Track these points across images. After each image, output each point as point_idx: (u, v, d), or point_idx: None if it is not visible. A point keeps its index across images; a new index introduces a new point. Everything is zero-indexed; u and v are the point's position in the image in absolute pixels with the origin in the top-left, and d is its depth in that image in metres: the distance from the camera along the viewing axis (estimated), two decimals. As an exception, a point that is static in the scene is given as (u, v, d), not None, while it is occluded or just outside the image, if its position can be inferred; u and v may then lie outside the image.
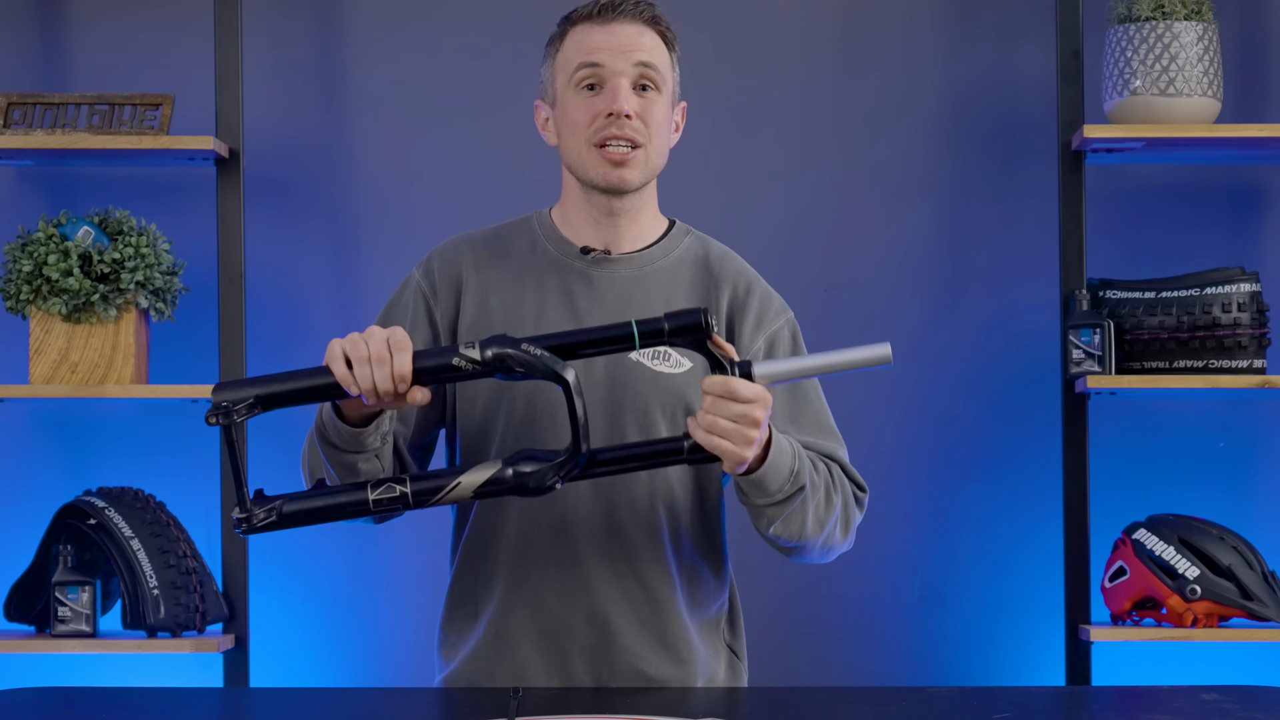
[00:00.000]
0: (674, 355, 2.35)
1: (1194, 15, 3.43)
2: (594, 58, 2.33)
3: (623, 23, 2.34)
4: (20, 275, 3.39)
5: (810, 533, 2.28)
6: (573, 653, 2.34)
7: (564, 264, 2.39)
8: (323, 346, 3.17)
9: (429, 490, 2.10)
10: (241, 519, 2.11)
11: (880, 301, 3.67)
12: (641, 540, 2.34)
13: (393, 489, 2.10)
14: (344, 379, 2.08)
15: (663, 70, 2.35)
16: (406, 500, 2.10)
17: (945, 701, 2.22)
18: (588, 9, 2.36)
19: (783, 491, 2.22)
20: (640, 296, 2.37)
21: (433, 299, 2.39)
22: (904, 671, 3.64)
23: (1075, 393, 3.46)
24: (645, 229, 2.41)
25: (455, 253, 2.42)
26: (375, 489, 2.11)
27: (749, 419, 2.10)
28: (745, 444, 2.12)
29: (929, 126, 3.69)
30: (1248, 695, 2.26)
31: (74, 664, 3.57)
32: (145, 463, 3.63)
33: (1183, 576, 3.37)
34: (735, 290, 2.40)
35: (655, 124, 2.34)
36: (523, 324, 2.35)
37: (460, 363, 2.07)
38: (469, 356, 2.07)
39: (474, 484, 2.10)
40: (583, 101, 2.34)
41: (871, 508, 3.61)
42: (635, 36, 2.34)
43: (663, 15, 2.38)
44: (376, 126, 3.70)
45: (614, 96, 2.32)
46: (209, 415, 2.07)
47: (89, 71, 3.68)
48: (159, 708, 2.26)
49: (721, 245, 2.46)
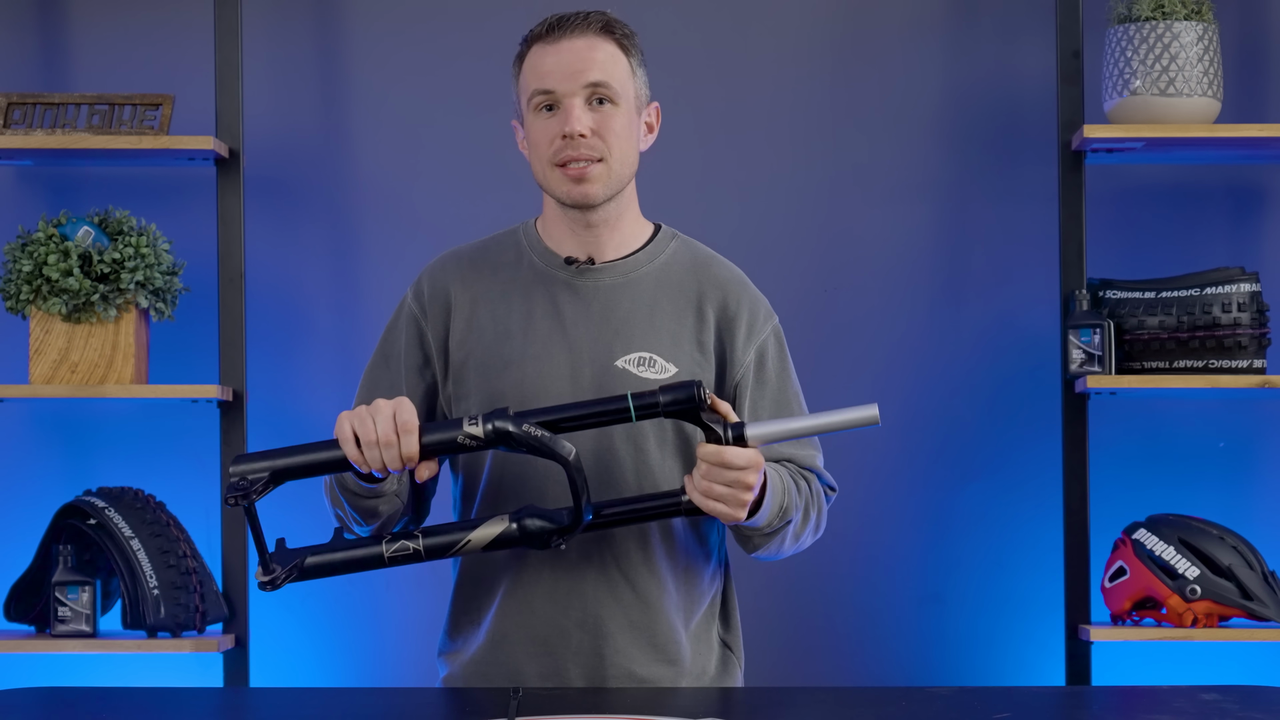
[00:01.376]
0: (660, 361, 2.36)
1: (1194, 15, 3.43)
2: (545, 83, 2.35)
3: (572, 38, 2.35)
4: (20, 275, 3.39)
5: (788, 547, 2.38)
6: (566, 657, 2.35)
7: (549, 275, 2.40)
8: (323, 346, 3.19)
9: (442, 546, 2.24)
10: (266, 581, 2.23)
11: (880, 301, 3.67)
12: (631, 544, 2.36)
13: (406, 547, 2.24)
14: (355, 460, 2.20)
15: (617, 81, 2.35)
16: (419, 556, 2.24)
17: (945, 701, 2.22)
18: (540, 28, 2.38)
19: (771, 526, 2.32)
20: (625, 303, 2.38)
21: (424, 320, 2.42)
22: (904, 671, 3.64)
23: (1075, 393, 3.46)
24: (628, 236, 2.42)
25: (443, 271, 2.44)
26: (390, 545, 2.24)
27: (742, 484, 2.21)
28: (739, 506, 2.23)
29: (929, 127, 3.69)
30: (1248, 695, 2.26)
31: (74, 664, 3.57)
32: (145, 463, 3.63)
33: (1183, 576, 3.37)
34: (725, 302, 2.41)
35: (615, 135, 2.35)
36: (510, 337, 2.37)
37: (464, 439, 2.20)
38: (472, 434, 2.20)
39: (484, 540, 2.23)
40: (541, 124, 2.36)
41: (872, 508, 3.63)
42: (585, 52, 2.34)
43: (618, 21, 2.38)
44: (376, 126, 3.70)
45: (566, 118, 2.33)
46: (228, 497, 2.19)
47: (89, 71, 3.68)
48: (159, 708, 2.27)
49: (707, 249, 2.47)
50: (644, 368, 2.36)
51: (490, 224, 2.56)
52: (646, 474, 2.35)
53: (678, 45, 3.67)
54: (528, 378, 2.35)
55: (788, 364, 2.44)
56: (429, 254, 2.55)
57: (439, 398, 2.42)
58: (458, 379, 2.39)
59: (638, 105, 2.38)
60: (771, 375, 2.41)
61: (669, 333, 2.37)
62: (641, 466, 2.35)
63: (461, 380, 2.39)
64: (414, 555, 2.24)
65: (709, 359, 2.39)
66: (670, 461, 2.36)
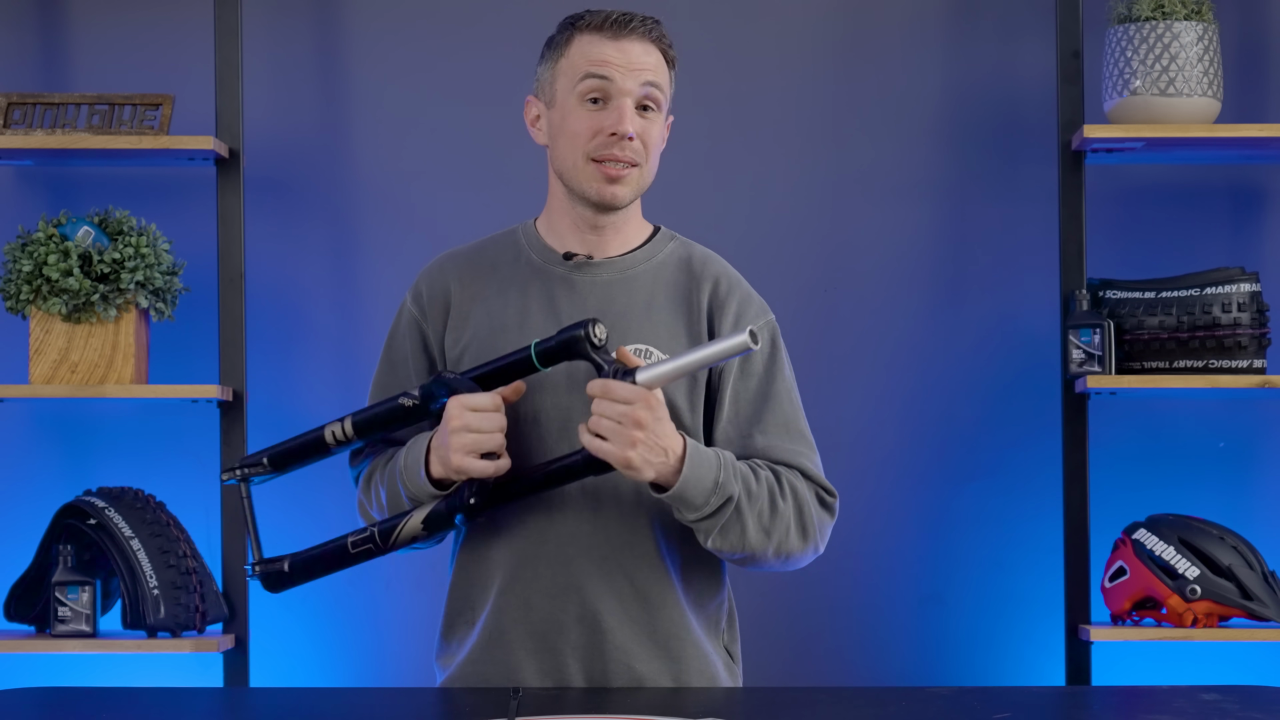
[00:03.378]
0: (656, 354, 2.35)
1: (1194, 15, 3.43)
2: (604, 71, 2.34)
3: (632, 40, 2.35)
4: (20, 275, 3.39)
5: (754, 543, 2.31)
6: (565, 653, 2.35)
7: (547, 270, 2.40)
8: (323, 346, 3.19)
9: (388, 530, 2.33)
10: (260, 572, 2.41)
11: (880, 301, 3.67)
12: (629, 536, 2.34)
13: (364, 531, 2.35)
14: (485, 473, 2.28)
15: (664, 90, 2.37)
16: (375, 540, 2.33)
17: (945, 701, 2.22)
18: (599, 20, 2.36)
19: (709, 505, 2.27)
20: (622, 299, 2.38)
21: (425, 322, 2.43)
22: (904, 671, 3.64)
23: (1075, 393, 3.46)
24: (629, 236, 2.43)
25: (441, 271, 2.45)
26: (354, 536, 2.35)
27: (631, 419, 2.19)
28: (627, 444, 2.20)
29: (929, 126, 3.69)
30: (1248, 695, 2.26)
31: (74, 664, 3.57)
32: (145, 463, 3.63)
33: (1183, 576, 3.37)
34: (716, 288, 2.41)
35: (652, 144, 2.37)
36: (506, 331, 2.37)
37: (406, 401, 2.33)
38: (413, 395, 2.33)
39: (420, 518, 2.31)
40: (585, 114, 2.35)
41: (871, 508, 3.63)
42: (643, 55, 2.35)
43: (667, 33, 2.40)
44: (376, 126, 3.70)
45: (620, 117, 2.33)
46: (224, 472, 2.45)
47: (89, 71, 3.68)
48: (159, 708, 2.27)
49: (705, 249, 2.47)
50: (636, 358, 2.35)
51: (490, 223, 2.56)
52: None
53: (678, 46, 3.66)
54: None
55: (779, 362, 2.41)
56: (428, 253, 2.55)
57: None
58: None
59: (666, 117, 2.41)
60: (758, 369, 2.39)
61: (666, 327, 2.37)
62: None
63: None
64: (370, 538, 2.33)
65: None
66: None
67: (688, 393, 2.36)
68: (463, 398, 2.27)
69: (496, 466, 2.27)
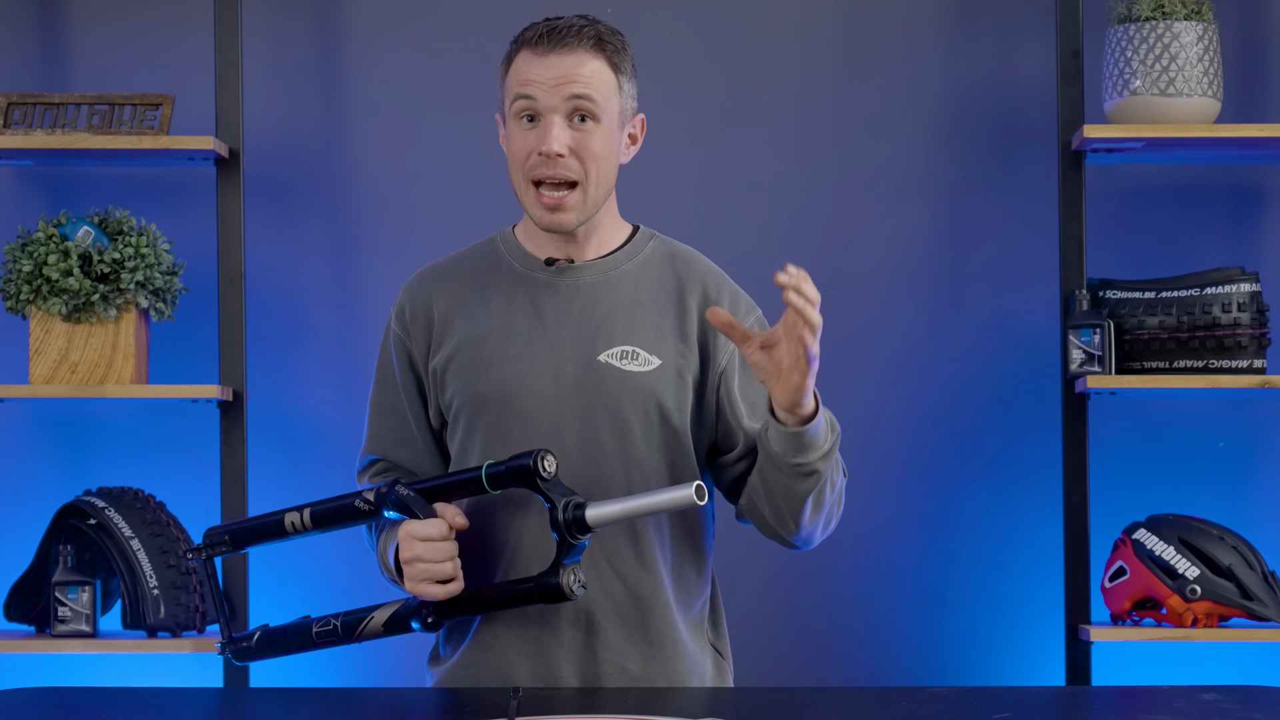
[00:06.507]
0: (643, 354, 2.35)
1: (1194, 15, 3.43)
2: (529, 90, 2.32)
3: (561, 54, 2.31)
4: (20, 275, 3.39)
5: (824, 512, 2.33)
6: (558, 655, 2.35)
7: (529, 277, 2.40)
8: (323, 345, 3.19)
9: (354, 624, 2.38)
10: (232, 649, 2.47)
11: (880, 301, 3.67)
12: (621, 538, 2.34)
13: (329, 623, 2.40)
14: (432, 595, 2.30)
15: (602, 98, 2.32)
16: (337, 632, 2.39)
17: (945, 701, 2.22)
18: (533, 35, 2.34)
19: (826, 442, 2.27)
20: (606, 300, 2.37)
21: (409, 340, 2.43)
22: (904, 671, 3.64)
23: (1075, 393, 3.46)
24: (607, 237, 2.42)
25: (421, 287, 2.44)
26: (318, 624, 2.40)
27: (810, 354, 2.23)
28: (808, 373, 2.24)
29: (929, 126, 3.69)
30: (1248, 695, 2.26)
31: (74, 664, 3.57)
32: (145, 463, 3.63)
33: (1183, 576, 3.37)
34: (705, 291, 2.41)
35: (592, 155, 2.32)
36: (490, 340, 2.36)
37: (360, 505, 2.35)
38: (367, 500, 2.35)
39: (382, 619, 2.37)
40: (520, 134, 2.34)
41: (871, 508, 3.63)
42: (573, 68, 2.31)
43: (611, 34, 2.35)
44: (376, 126, 3.70)
45: (544, 135, 2.31)
46: (186, 551, 2.46)
47: (89, 71, 3.68)
48: (159, 708, 2.27)
49: (686, 246, 2.47)
50: (626, 361, 2.35)
51: (490, 223, 2.56)
52: (635, 467, 2.34)
53: (677, 46, 3.67)
54: (509, 378, 2.34)
55: None
56: (429, 253, 2.55)
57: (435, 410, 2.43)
58: (441, 387, 2.39)
59: (621, 121, 2.35)
60: None
61: (651, 326, 2.37)
62: (629, 460, 2.34)
63: (444, 388, 2.39)
64: (334, 631, 2.39)
65: (692, 349, 2.38)
66: (656, 455, 2.35)
67: (675, 393, 2.36)
68: (412, 527, 2.28)
69: (447, 591, 2.28)
